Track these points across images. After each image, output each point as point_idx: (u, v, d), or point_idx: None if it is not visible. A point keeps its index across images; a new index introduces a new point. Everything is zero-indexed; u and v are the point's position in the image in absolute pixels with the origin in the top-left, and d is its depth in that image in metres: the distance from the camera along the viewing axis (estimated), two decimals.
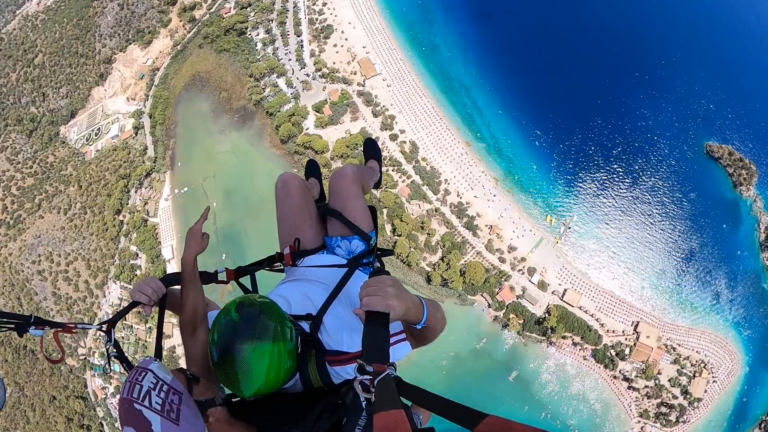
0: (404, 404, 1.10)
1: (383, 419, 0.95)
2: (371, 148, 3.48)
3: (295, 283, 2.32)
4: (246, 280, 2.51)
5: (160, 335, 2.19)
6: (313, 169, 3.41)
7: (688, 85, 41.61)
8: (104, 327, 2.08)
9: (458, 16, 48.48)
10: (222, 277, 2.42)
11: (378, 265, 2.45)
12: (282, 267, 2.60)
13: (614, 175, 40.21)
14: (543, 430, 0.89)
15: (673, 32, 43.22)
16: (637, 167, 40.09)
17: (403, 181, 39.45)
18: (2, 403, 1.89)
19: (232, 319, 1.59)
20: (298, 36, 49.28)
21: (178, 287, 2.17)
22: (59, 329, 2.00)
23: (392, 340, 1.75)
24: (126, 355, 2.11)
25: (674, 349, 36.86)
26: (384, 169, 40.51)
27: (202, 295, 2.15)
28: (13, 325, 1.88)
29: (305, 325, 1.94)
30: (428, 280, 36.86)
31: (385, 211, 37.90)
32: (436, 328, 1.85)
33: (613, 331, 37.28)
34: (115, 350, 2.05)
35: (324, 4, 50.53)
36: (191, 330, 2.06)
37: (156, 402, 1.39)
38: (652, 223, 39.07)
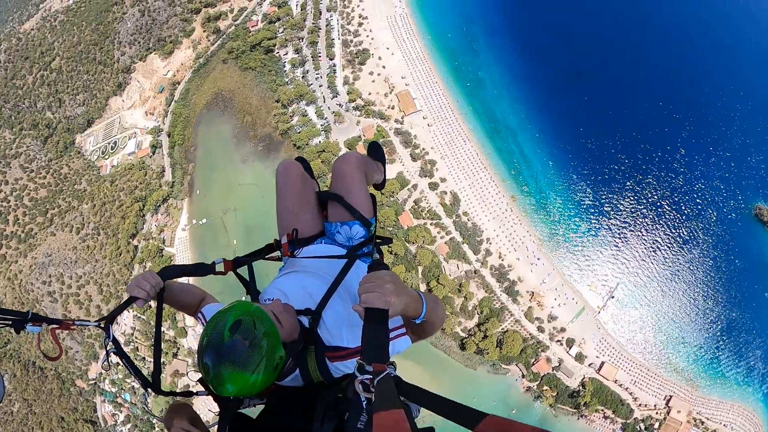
0: (404, 403, 1.10)
1: (383, 419, 0.96)
2: (375, 152, 3.25)
3: (294, 275, 2.25)
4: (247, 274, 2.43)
5: (158, 329, 2.15)
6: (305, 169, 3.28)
7: (742, 143, 39.34)
8: (102, 324, 2.07)
9: (505, 46, 44.78)
10: (219, 268, 2.33)
11: (377, 256, 2.38)
12: (280, 257, 2.55)
13: (662, 244, 38.26)
14: (544, 430, 0.89)
15: (729, 88, 40.43)
16: (685, 235, 38.36)
17: (441, 237, 36.74)
18: (1, 395, 1.93)
19: (223, 336, 1.52)
20: (331, 59, 45.59)
21: (176, 281, 2.21)
22: (57, 326, 2.00)
23: (392, 334, 1.75)
24: (125, 350, 2.07)
25: (702, 423, 35.83)
26: (422, 222, 38.21)
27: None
28: (10, 322, 1.87)
29: (305, 320, 1.90)
30: (462, 347, 34.91)
31: (420, 269, 35.51)
32: (435, 322, 1.88)
33: (645, 405, 36.27)
34: (114, 347, 2.05)
35: (360, 24, 46.65)
36: None
37: None
38: (695, 294, 37.59)
